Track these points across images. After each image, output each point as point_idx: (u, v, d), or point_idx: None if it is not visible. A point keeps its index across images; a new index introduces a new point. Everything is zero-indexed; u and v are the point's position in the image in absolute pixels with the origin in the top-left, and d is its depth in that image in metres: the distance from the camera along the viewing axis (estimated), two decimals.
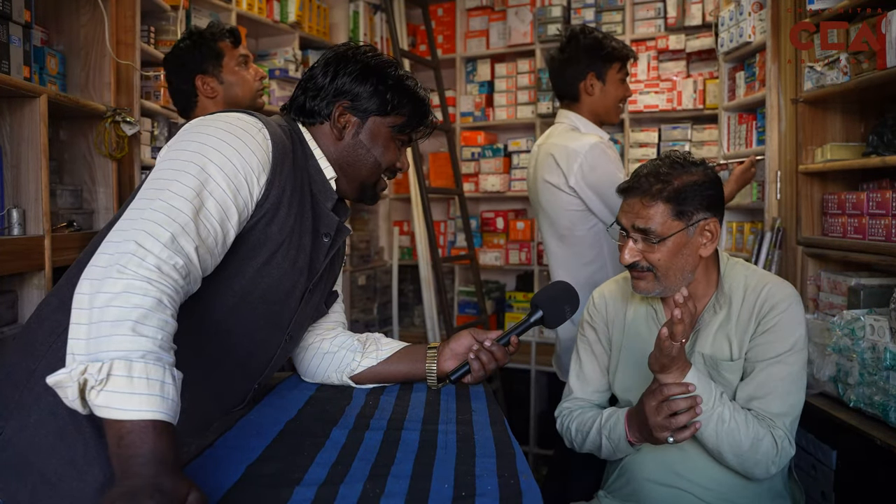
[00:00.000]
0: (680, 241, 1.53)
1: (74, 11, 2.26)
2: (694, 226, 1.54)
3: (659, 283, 1.56)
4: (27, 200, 1.92)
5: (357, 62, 1.32)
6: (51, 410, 1.02)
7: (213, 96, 2.15)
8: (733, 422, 1.47)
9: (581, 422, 1.69)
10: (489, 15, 4.18)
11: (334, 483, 0.95)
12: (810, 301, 2.44)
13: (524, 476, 0.99)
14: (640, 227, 1.54)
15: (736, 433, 1.47)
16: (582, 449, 1.69)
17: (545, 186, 2.40)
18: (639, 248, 1.55)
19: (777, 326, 1.54)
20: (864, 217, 2.14)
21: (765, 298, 1.56)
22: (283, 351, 1.32)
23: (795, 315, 1.56)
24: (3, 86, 1.77)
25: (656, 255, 1.54)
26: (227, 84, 2.16)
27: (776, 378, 1.52)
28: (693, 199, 1.53)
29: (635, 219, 1.55)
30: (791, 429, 1.53)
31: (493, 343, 1.40)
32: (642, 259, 1.56)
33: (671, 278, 1.55)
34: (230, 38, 2.18)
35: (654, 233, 1.52)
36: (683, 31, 3.65)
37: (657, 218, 1.52)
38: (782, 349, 1.53)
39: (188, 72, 2.14)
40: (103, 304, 0.87)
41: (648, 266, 1.55)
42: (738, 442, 1.47)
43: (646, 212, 1.53)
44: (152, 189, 1.03)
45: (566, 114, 2.47)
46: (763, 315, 1.55)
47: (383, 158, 1.34)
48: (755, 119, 2.91)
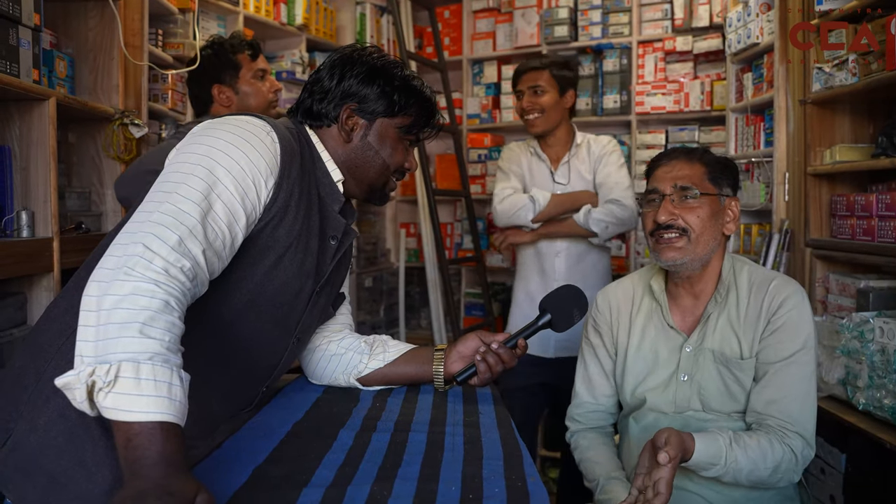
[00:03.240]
0: (714, 208, 1.59)
1: (83, 15, 2.27)
2: (724, 198, 1.61)
3: (690, 248, 1.57)
4: (36, 203, 1.93)
5: (363, 64, 1.32)
6: (60, 412, 1.02)
7: (228, 105, 2.24)
8: (750, 462, 1.46)
9: (583, 460, 1.72)
10: (496, 17, 4.18)
11: (342, 485, 0.95)
12: (819, 303, 2.42)
13: (531, 478, 0.99)
14: (682, 184, 1.59)
15: (755, 471, 1.47)
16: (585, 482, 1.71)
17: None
18: (676, 208, 1.58)
19: (787, 325, 1.54)
20: (873, 219, 2.13)
21: (773, 295, 1.57)
22: (290, 353, 1.32)
23: (804, 311, 1.56)
24: (13, 89, 1.78)
25: (694, 214, 1.58)
26: (242, 94, 2.25)
27: (793, 380, 1.52)
28: (725, 173, 1.63)
29: (676, 178, 1.60)
30: (812, 431, 1.53)
31: (500, 345, 1.40)
32: (679, 219, 1.58)
33: (701, 245, 1.58)
34: (249, 51, 2.27)
35: (693, 189, 1.58)
36: (691, 33, 3.64)
37: (696, 177, 1.59)
38: (794, 348, 1.53)
39: (207, 79, 2.24)
40: (111, 307, 0.87)
41: (683, 228, 1.57)
42: (758, 476, 1.48)
43: (686, 170, 1.60)
44: (161, 192, 1.03)
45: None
46: (772, 313, 1.55)
47: (392, 160, 1.35)
48: (763, 120, 2.90)
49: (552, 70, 2.66)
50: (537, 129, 2.70)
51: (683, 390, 1.61)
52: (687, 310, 1.66)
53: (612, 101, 3.82)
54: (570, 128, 2.77)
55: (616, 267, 3.70)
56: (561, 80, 2.66)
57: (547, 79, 2.64)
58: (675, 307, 1.67)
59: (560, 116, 2.70)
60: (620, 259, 3.74)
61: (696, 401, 1.60)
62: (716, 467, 1.45)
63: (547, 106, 2.65)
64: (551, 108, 2.66)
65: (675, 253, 1.58)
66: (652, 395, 1.64)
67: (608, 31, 3.82)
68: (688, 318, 1.65)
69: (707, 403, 1.60)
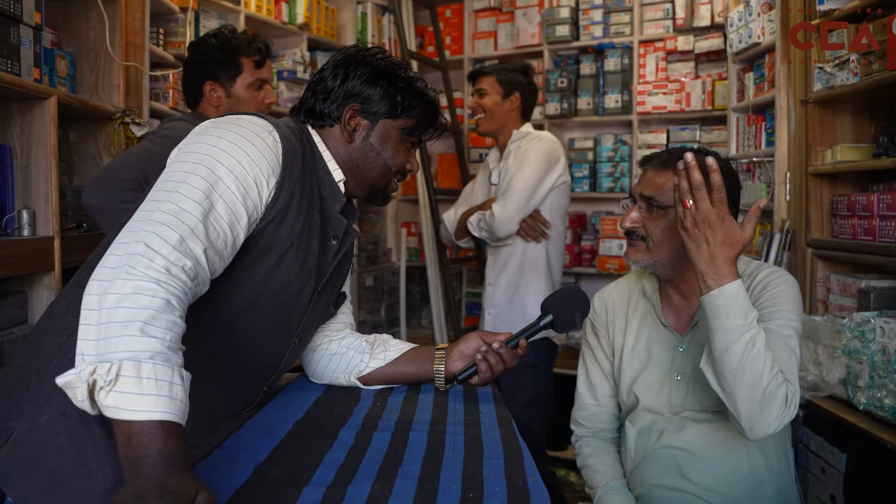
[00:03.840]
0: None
1: (84, 14, 2.28)
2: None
3: (650, 254, 1.57)
4: (37, 201, 1.93)
5: (367, 64, 1.31)
6: (61, 411, 1.02)
7: (217, 106, 2.12)
8: (763, 350, 1.35)
9: (585, 466, 1.72)
10: (497, 16, 4.18)
11: (342, 484, 0.95)
12: (820, 303, 2.42)
13: (532, 478, 0.99)
14: (646, 194, 1.56)
15: (761, 364, 1.34)
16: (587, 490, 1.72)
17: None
18: (640, 216, 1.58)
19: (770, 298, 1.50)
20: (874, 219, 2.13)
21: (760, 280, 1.56)
22: (291, 353, 1.33)
23: (789, 290, 1.52)
24: (14, 87, 1.78)
25: (654, 224, 1.56)
26: (233, 99, 2.12)
27: (772, 338, 1.41)
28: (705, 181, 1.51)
29: (644, 187, 1.58)
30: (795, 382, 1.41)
31: (501, 345, 1.40)
32: (640, 227, 1.58)
33: (663, 253, 1.56)
34: (256, 57, 2.13)
35: (657, 201, 1.55)
36: (692, 32, 3.64)
37: (665, 187, 1.55)
38: (775, 315, 1.46)
39: (203, 71, 2.10)
40: (112, 305, 0.87)
41: (643, 235, 1.57)
42: (760, 374, 1.34)
43: (655, 180, 1.57)
44: (162, 191, 1.03)
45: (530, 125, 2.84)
46: (758, 295, 1.53)
47: (393, 161, 1.35)
48: (764, 120, 2.90)
49: (499, 75, 2.76)
50: (480, 128, 2.85)
51: (677, 390, 1.61)
52: (680, 308, 1.65)
53: (614, 101, 3.82)
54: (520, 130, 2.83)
55: (617, 267, 3.70)
56: (506, 84, 2.75)
57: (490, 82, 2.76)
58: (667, 306, 1.67)
59: (504, 118, 2.78)
60: (620, 259, 3.74)
61: (690, 400, 1.60)
62: (741, 325, 1.34)
63: (488, 107, 2.77)
64: (492, 110, 2.77)
65: (637, 254, 1.59)
66: (646, 395, 1.64)
67: (609, 31, 3.83)
68: (681, 317, 1.65)
69: (701, 402, 1.59)
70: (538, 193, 2.67)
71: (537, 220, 2.69)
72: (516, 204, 2.63)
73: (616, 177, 3.85)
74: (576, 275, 3.96)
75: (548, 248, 2.75)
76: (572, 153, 3.97)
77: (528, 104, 2.82)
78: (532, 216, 2.69)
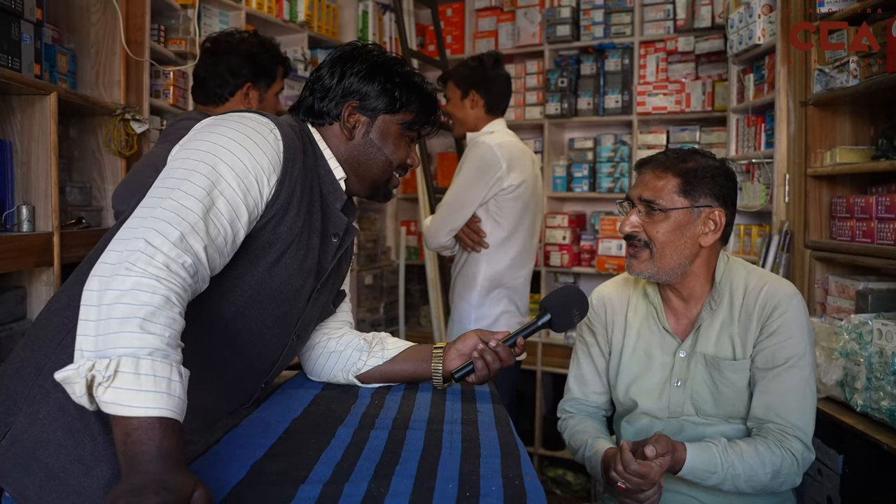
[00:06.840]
0: (682, 220, 1.54)
1: (85, 10, 2.28)
2: (699, 209, 1.54)
3: (654, 262, 1.56)
4: (37, 197, 1.93)
5: (363, 61, 1.32)
6: (59, 406, 1.03)
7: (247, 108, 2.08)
8: (748, 468, 1.46)
9: (572, 434, 1.72)
10: (498, 15, 4.18)
11: (339, 482, 0.96)
12: (818, 304, 2.43)
13: (528, 477, 0.99)
14: (646, 197, 1.55)
15: (754, 477, 1.46)
16: (575, 457, 1.72)
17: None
18: (640, 219, 1.56)
19: (782, 328, 1.53)
20: (872, 221, 2.13)
21: (766, 299, 1.56)
22: (290, 350, 1.33)
23: (799, 314, 1.55)
24: (14, 83, 1.78)
25: (656, 228, 1.54)
26: (264, 104, 2.16)
27: (792, 385, 1.51)
28: (704, 183, 1.54)
29: (643, 190, 1.56)
30: (811, 434, 1.52)
31: (498, 344, 1.40)
32: (642, 232, 1.56)
33: (666, 259, 1.55)
34: (283, 67, 2.20)
35: (658, 204, 1.53)
36: (692, 33, 3.63)
37: (664, 190, 1.54)
38: (791, 352, 1.52)
39: (247, 73, 2.10)
40: (112, 302, 0.87)
41: (646, 241, 1.55)
42: (759, 482, 1.47)
43: (655, 182, 1.55)
44: (163, 188, 1.03)
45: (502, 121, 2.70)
46: (766, 317, 1.54)
47: (394, 156, 1.35)
48: (764, 121, 2.90)
49: (455, 76, 2.70)
50: (454, 132, 2.81)
51: (677, 396, 1.61)
52: (680, 313, 1.65)
53: (614, 101, 3.82)
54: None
55: (616, 267, 3.70)
56: (461, 84, 2.66)
57: (450, 86, 2.70)
58: (668, 310, 1.66)
59: (471, 119, 2.68)
60: (621, 259, 3.74)
61: (689, 406, 1.60)
62: (714, 475, 1.45)
63: (452, 112, 2.71)
64: (456, 114, 2.70)
65: (640, 264, 1.57)
66: (645, 399, 1.64)
67: (610, 31, 3.83)
68: (682, 321, 1.65)
69: (700, 408, 1.59)
70: (468, 204, 2.55)
71: (472, 229, 2.58)
72: (441, 216, 2.57)
73: (616, 177, 3.85)
74: (575, 275, 3.97)
75: (486, 259, 2.59)
76: (572, 153, 3.97)
77: (493, 98, 2.65)
78: (468, 225, 2.57)
